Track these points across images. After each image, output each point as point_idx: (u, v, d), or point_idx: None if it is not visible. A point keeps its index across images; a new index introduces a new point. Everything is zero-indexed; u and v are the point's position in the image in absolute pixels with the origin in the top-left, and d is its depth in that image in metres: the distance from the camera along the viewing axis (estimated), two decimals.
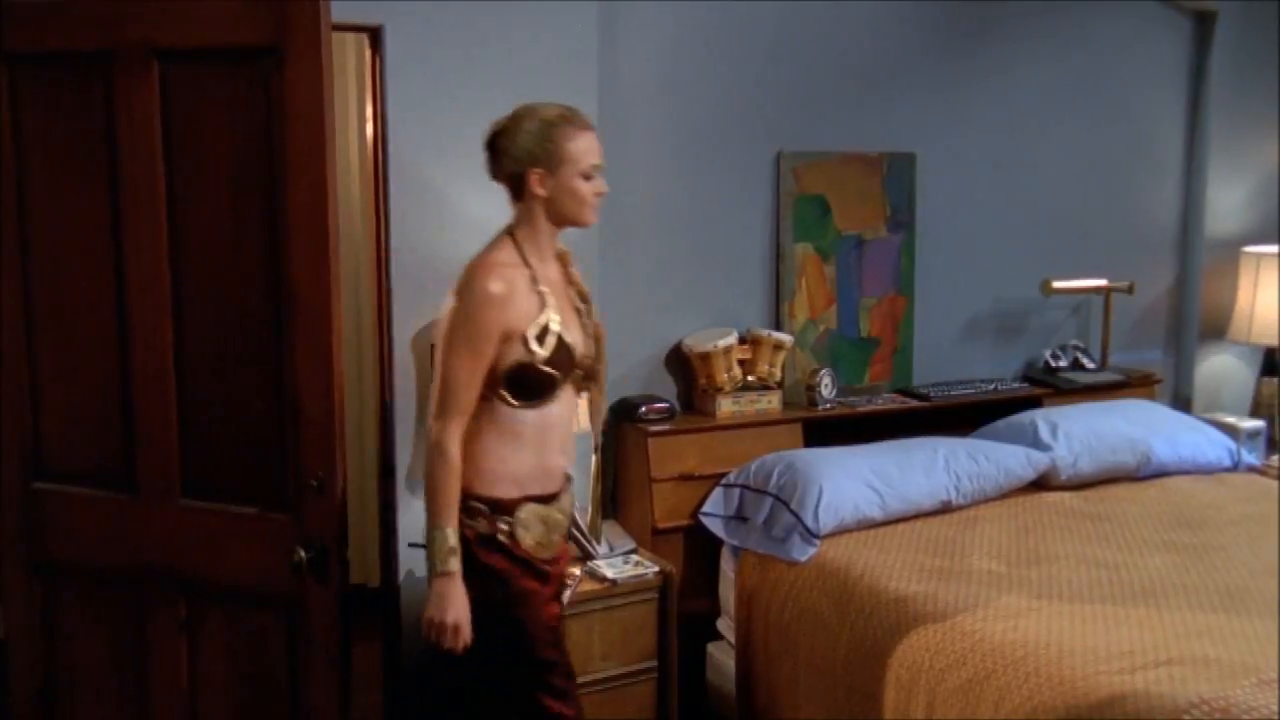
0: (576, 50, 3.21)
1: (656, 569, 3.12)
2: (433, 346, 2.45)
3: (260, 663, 2.12)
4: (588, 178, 2.30)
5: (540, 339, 2.22)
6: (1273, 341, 4.38)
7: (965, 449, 3.45)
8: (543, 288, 2.27)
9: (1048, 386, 4.05)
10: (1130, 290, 4.23)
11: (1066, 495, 3.49)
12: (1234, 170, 4.50)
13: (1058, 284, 4.09)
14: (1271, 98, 4.51)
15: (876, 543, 3.09)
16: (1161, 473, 3.68)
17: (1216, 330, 4.52)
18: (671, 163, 3.57)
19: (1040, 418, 3.66)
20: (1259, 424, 4.29)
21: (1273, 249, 4.38)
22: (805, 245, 3.74)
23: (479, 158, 3.07)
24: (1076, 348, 4.22)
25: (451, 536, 2.17)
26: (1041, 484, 3.52)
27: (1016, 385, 4.05)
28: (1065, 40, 4.13)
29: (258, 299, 2.00)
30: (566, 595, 2.89)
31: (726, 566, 3.38)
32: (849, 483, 3.20)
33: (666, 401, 3.51)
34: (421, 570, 2.81)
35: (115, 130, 1.98)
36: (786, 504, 3.19)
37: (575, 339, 2.31)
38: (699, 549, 3.44)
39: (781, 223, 3.71)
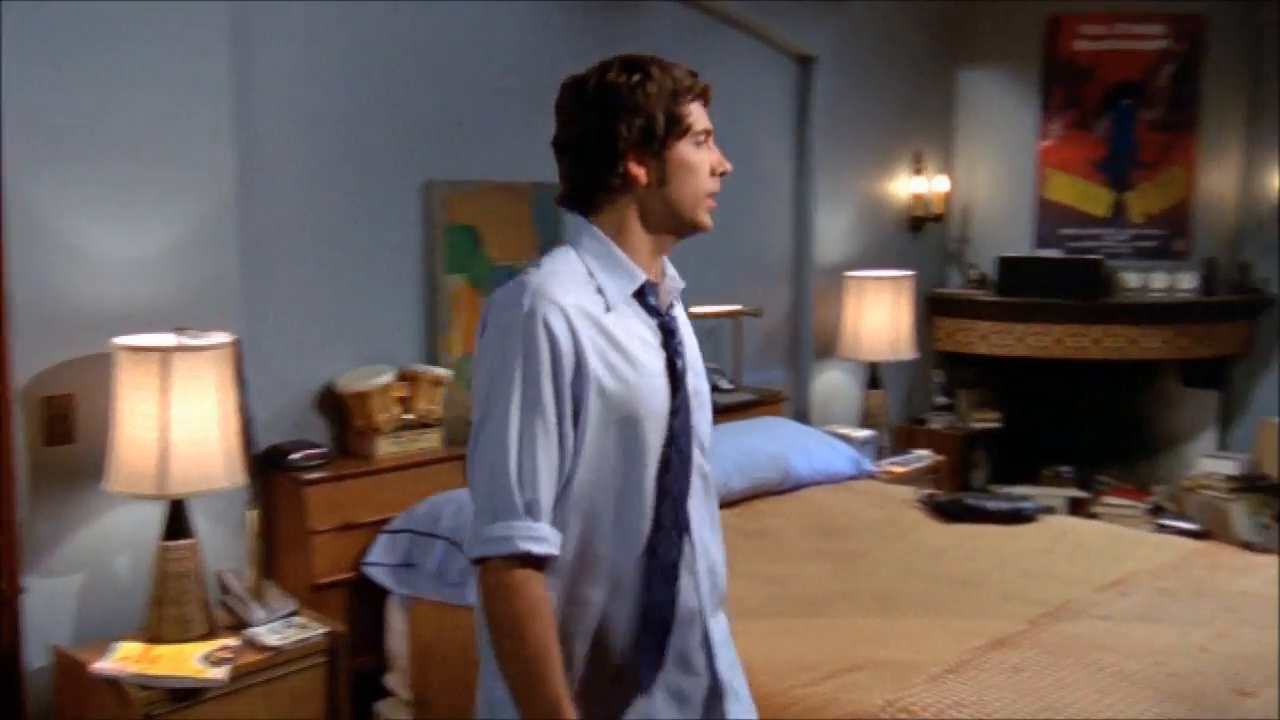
0: (208, 52, 2.92)
1: (324, 630, 2.87)
2: None
3: None
4: None
5: None
6: (875, 358, 4.84)
7: None
8: None
9: None
10: (758, 314, 4.52)
11: (723, 513, 3.62)
12: (836, 202, 4.94)
13: (696, 309, 4.26)
14: (868, 135, 5.01)
15: None
16: (799, 485, 3.93)
17: (828, 348, 4.93)
18: (316, 192, 3.33)
19: None
20: (869, 433, 4.72)
21: (870, 273, 4.85)
22: (458, 277, 3.64)
23: (103, 179, 2.73)
24: (714, 369, 4.43)
25: None
26: None
27: None
28: None
29: None
30: (224, 671, 2.60)
31: (395, 618, 3.19)
32: None
33: (320, 446, 3.27)
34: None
35: None
36: (460, 546, 3.06)
37: None
38: (362, 602, 3.23)
39: (434, 254, 3.58)
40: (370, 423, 3.32)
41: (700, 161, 1.65)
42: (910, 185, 5.27)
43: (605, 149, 1.59)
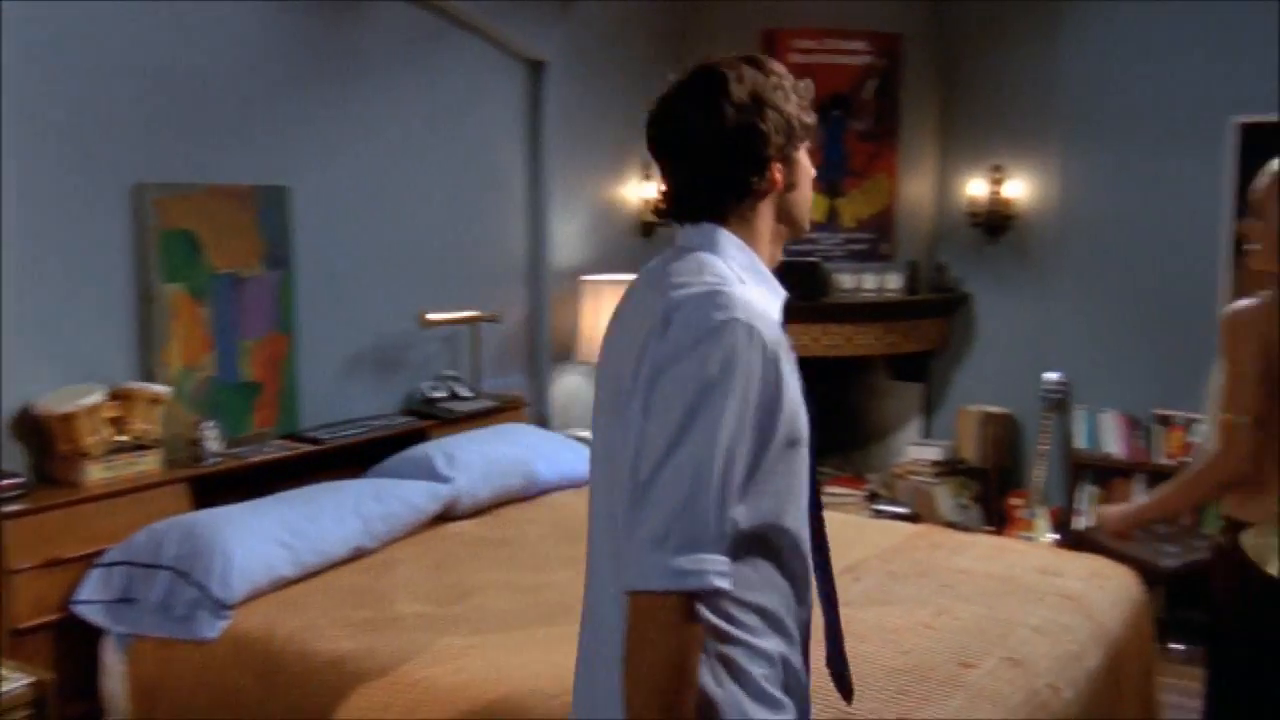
0: None
1: (28, 680, 2.59)
2: None
3: None
4: None
5: None
6: None
7: (370, 490, 3.36)
8: None
9: (431, 418, 4.10)
10: (497, 319, 4.47)
11: (468, 524, 3.57)
12: (570, 206, 4.97)
13: (432, 316, 4.17)
14: (599, 140, 5.07)
15: (295, 603, 2.88)
16: (545, 490, 3.92)
17: (566, 352, 4.95)
18: (6, 194, 3.00)
19: (434, 450, 3.70)
20: None
21: (606, 277, 4.90)
22: (176, 286, 3.38)
23: None
24: (452, 377, 4.34)
25: None
26: (443, 515, 3.55)
27: (402, 420, 4.05)
28: (424, 80, 4.23)
29: None
30: None
31: (112, 659, 2.92)
32: (258, 542, 2.95)
33: (17, 475, 2.95)
34: None
35: None
36: (187, 576, 2.85)
37: None
38: (74, 645, 2.94)
39: (147, 262, 3.31)
40: (77, 447, 3.03)
41: (810, 166, 1.59)
42: (641, 190, 5.37)
43: (754, 151, 1.49)
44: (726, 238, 1.51)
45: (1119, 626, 2.95)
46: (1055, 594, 2.99)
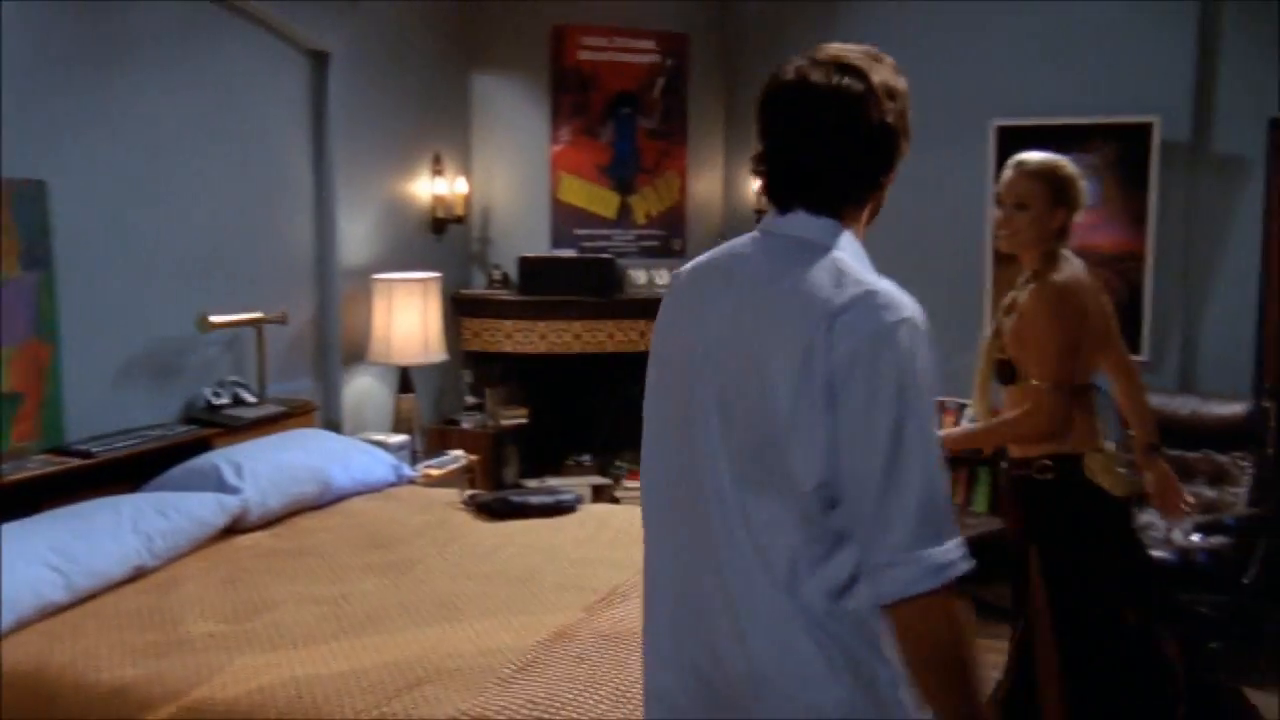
0: None
1: None
2: None
3: None
4: None
5: None
6: (406, 361, 4.77)
7: (151, 504, 3.15)
8: None
9: (215, 426, 3.88)
10: (283, 320, 4.27)
11: (260, 536, 3.39)
12: (358, 203, 4.80)
13: (214, 318, 3.94)
14: (387, 135, 4.93)
15: (69, 630, 2.66)
16: (340, 497, 3.78)
17: (358, 354, 4.79)
18: None
19: (221, 460, 3.50)
20: (404, 438, 4.64)
21: (398, 276, 4.77)
22: None
23: None
24: (236, 383, 4.12)
25: None
26: (232, 528, 3.37)
27: (182, 429, 3.81)
28: (197, 69, 3.98)
29: None
30: None
31: None
32: (23, 565, 2.71)
33: None
34: None
35: None
36: None
37: None
38: None
39: None
40: None
41: None
42: (432, 186, 5.26)
43: (891, 147, 1.52)
44: (844, 231, 1.52)
45: None
46: None
